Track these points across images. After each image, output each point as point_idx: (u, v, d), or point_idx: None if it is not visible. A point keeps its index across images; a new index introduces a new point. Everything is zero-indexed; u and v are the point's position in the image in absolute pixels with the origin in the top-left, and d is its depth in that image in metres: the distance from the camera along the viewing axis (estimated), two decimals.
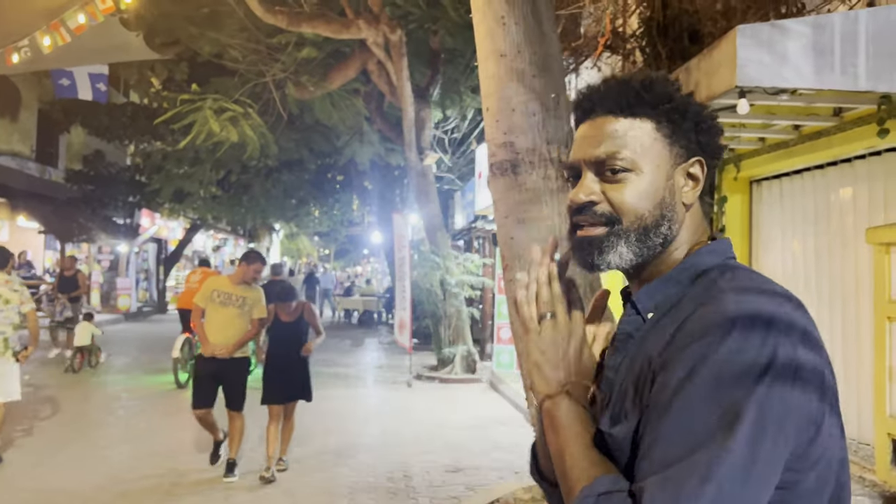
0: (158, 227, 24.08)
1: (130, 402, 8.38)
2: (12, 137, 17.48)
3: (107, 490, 5.11)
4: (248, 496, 5.11)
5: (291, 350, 5.66)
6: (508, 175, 4.29)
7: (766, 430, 0.79)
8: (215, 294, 5.51)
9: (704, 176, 1.01)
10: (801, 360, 0.83)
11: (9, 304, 5.51)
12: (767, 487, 0.81)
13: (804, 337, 0.86)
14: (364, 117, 11.64)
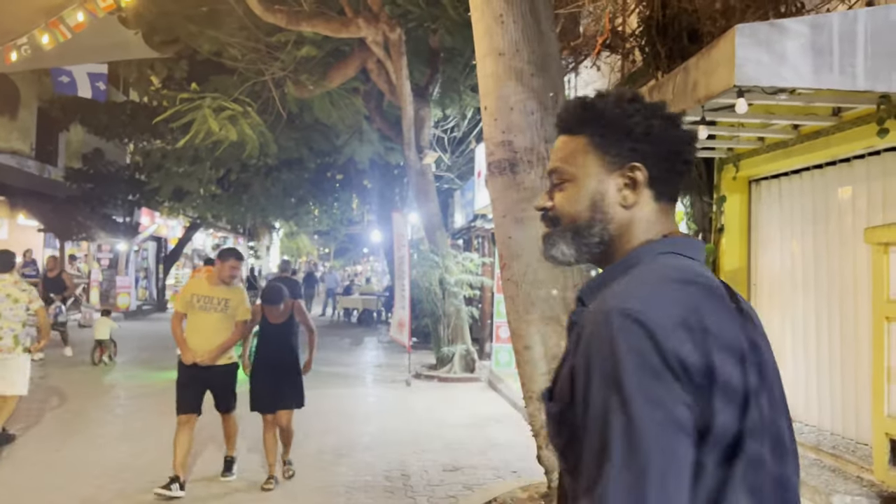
0: (158, 226, 24.08)
1: (139, 397, 8.45)
2: (11, 135, 17.46)
3: (105, 488, 5.11)
4: (247, 495, 5.11)
5: (281, 353, 5.32)
6: (507, 174, 4.29)
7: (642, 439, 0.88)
8: (195, 299, 5.16)
9: (649, 178, 1.11)
10: (664, 349, 0.92)
11: (18, 303, 5.88)
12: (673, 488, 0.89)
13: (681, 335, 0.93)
14: (363, 116, 11.64)
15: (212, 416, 5.45)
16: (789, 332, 6.56)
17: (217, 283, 5.22)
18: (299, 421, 7.10)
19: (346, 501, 4.98)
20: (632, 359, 0.91)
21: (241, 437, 5.58)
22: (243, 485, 5.31)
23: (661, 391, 0.91)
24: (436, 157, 10.64)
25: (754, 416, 0.96)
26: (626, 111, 1.12)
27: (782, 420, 1.03)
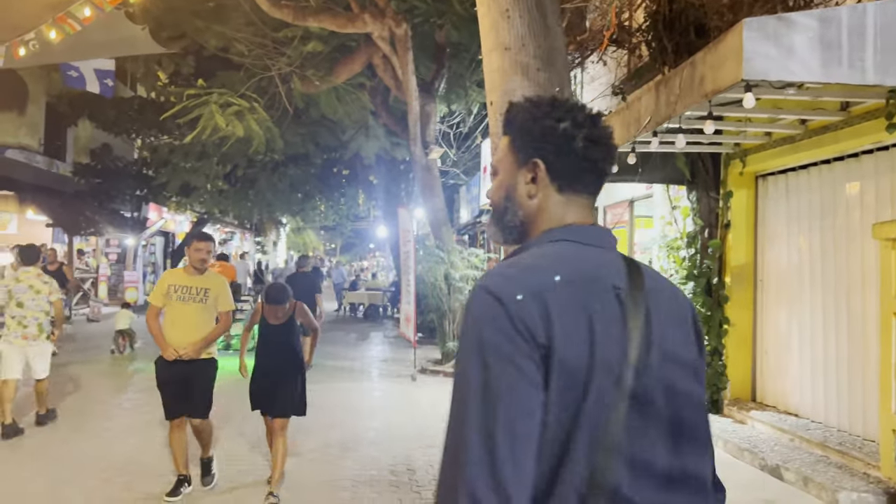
0: (165, 221, 24.19)
1: (147, 391, 8.40)
2: (20, 131, 17.53)
3: (112, 482, 5.14)
4: (252, 489, 5.13)
5: (281, 357, 4.92)
6: None
7: (497, 374, 1.06)
8: (172, 290, 4.78)
9: (542, 174, 1.27)
10: (503, 322, 1.09)
11: (40, 294, 6.43)
12: (531, 415, 1.06)
13: (512, 300, 1.10)
14: (369, 111, 11.65)
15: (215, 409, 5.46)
16: (796, 329, 6.54)
17: (195, 272, 4.84)
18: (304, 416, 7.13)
19: (352, 496, 4.99)
20: (487, 324, 1.09)
21: (240, 435, 5.49)
22: (247, 479, 5.33)
23: (511, 349, 1.07)
24: (441, 153, 10.64)
25: (595, 381, 1.10)
26: (534, 115, 1.29)
27: (619, 383, 1.14)
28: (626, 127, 5.62)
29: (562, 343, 1.09)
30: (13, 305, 6.33)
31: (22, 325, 6.32)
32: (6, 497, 4.87)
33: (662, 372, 1.20)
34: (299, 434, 6.58)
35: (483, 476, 1.04)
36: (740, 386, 7.10)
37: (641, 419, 1.15)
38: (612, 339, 1.14)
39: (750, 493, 5.12)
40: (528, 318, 1.09)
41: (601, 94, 8.91)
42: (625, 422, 1.12)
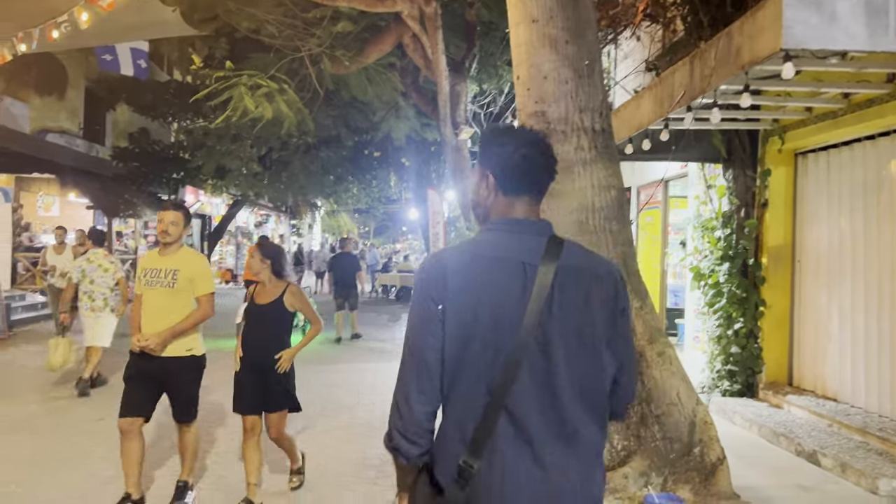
0: (202, 204, 24.53)
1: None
2: (60, 115, 17.87)
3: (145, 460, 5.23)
4: (284, 468, 5.16)
5: (265, 345, 4.30)
6: None
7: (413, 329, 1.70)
8: (143, 274, 4.13)
9: (492, 184, 1.77)
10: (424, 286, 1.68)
11: (107, 272, 7.32)
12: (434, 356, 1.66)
13: (430, 274, 1.68)
14: (400, 92, 11.54)
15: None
16: (836, 311, 6.32)
17: (165, 250, 4.13)
18: (331, 394, 7.18)
19: (377, 474, 4.99)
20: (416, 285, 1.70)
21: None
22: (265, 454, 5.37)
23: (426, 306, 1.65)
24: (472, 133, 10.50)
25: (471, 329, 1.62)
26: (489, 141, 1.81)
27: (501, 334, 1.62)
28: (659, 103, 5.46)
29: (453, 300, 1.64)
30: (86, 282, 7.22)
31: (91, 298, 7.22)
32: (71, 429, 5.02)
33: (553, 333, 1.62)
34: (325, 414, 6.62)
35: (401, 390, 1.71)
36: (776, 369, 6.91)
37: (519, 350, 1.60)
38: (501, 299, 1.63)
39: (785, 479, 4.98)
40: (433, 282, 1.67)
41: (634, 71, 8.69)
42: (500, 349, 1.61)
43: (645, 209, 9.61)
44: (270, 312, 4.32)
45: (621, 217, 4.20)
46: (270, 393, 4.27)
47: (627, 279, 4.13)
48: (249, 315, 4.42)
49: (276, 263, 4.40)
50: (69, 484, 4.67)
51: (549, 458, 1.59)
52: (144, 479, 4.47)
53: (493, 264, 1.65)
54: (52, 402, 6.85)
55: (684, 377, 4.03)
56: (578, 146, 4.11)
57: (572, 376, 1.62)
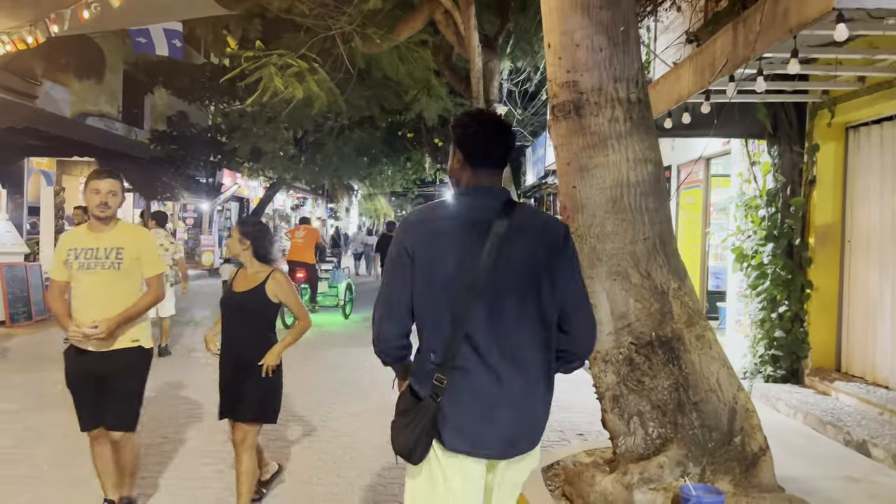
0: (239, 186, 24.72)
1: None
2: (100, 99, 18.10)
3: (171, 439, 5.21)
4: (303, 448, 5.10)
5: (242, 340, 3.68)
6: (571, 118, 3.97)
7: (388, 268, 2.15)
8: (72, 255, 3.50)
9: (461, 158, 2.19)
10: (400, 237, 2.10)
11: (168, 251, 8.12)
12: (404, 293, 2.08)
13: (417, 219, 2.16)
14: (432, 70, 11.35)
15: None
16: (888, 294, 5.99)
17: (99, 225, 3.54)
18: (360, 377, 7.07)
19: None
20: (395, 237, 2.12)
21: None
22: (299, 435, 5.30)
23: (399, 250, 2.08)
24: (505, 112, 10.28)
25: (436, 272, 2.04)
26: (458, 123, 2.21)
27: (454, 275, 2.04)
28: (700, 73, 5.18)
29: (421, 248, 2.06)
30: None
31: None
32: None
33: (502, 275, 2.05)
34: (356, 395, 6.54)
35: (376, 315, 2.13)
36: (823, 355, 6.60)
37: (475, 298, 2.02)
38: (461, 249, 2.05)
39: (832, 470, 4.74)
40: (407, 233, 2.12)
41: (675, 43, 8.34)
42: (459, 289, 2.02)
43: (686, 188, 9.29)
44: (249, 303, 3.68)
45: (658, 193, 3.97)
46: (243, 398, 3.64)
47: (666, 259, 3.91)
48: (226, 306, 3.77)
49: (259, 244, 3.74)
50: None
51: (498, 371, 2.05)
52: (148, 484, 4.36)
53: (457, 221, 2.13)
54: None
55: (725, 362, 3.81)
56: (613, 118, 3.89)
57: (516, 309, 2.08)
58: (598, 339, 3.94)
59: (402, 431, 2.10)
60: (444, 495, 2.10)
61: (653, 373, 3.77)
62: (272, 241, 3.84)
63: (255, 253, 3.74)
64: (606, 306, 3.90)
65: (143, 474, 4.29)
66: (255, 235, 3.73)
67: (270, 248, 3.78)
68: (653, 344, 3.80)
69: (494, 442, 2.08)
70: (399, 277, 2.08)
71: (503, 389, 2.05)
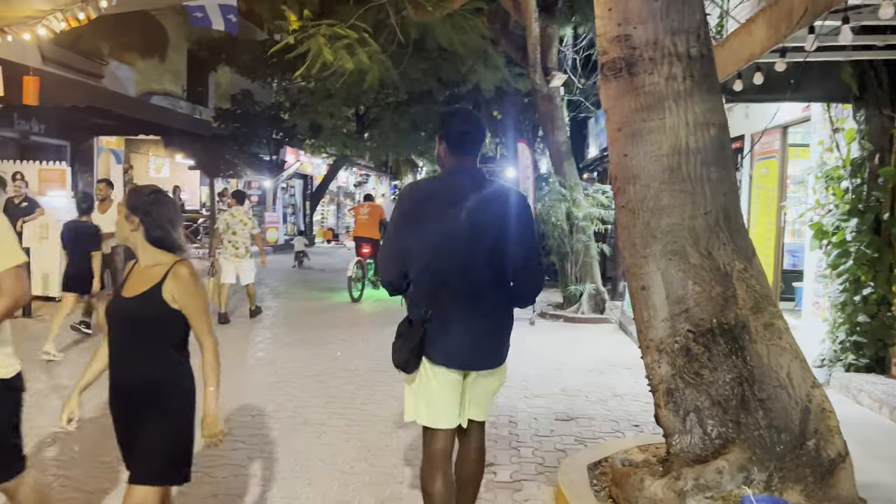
0: (301, 164, 24.85)
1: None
2: (164, 77, 18.36)
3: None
4: (339, 432, 4.88)
5: (131, 364, 2.54)
6: (622, 77, 3.53)
7: (390, 227, 2.95)
8: None
9: (444, 148, 2.91)
10: (398, 204, 2.92)
11: (246, 226, 9.01)
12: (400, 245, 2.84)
13: (410, 192, 2.93)
14: (488, 39, 10.87)
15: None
16: None
17: None
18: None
19: None
20: (396, 203, 2.96)
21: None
22: (339, 421, 5.09)
23: (398, 213, 2.86)
24: (564, 80, 9.75)
25: (422, 231, 2.76)
26: (444, 121, 3.06)
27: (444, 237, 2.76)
28: (774, 27, 4.60)
29: (414, 212, 2.78)
30: (230, 233, 8.87)
31: (234, 246, 8.89)
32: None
33: (471, 235, 2.74)
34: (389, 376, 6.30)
35: (380, 260, 2.98)
36: None
37: (451, 253, 2.73)
38: (442, 216, 2.73)
39: None
40: (405, 201, 2.87)
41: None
42: (439, 245, 2.74)
43: (760, 159, 8.59)
44: (142, 311, 2.52)
45: (723, 161, 3.50)
46: (137, 449, 2.54)
47: (730, 236, 3.45)
48: (112, 316, 2.61)
49: (152, 223, 2.56)
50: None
51: (467, 308, 2.75)
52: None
53: (439, 195, 2.83)
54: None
55: (797, 354, 3.34)
56: (670, 76, 3.42)
57: (481, 262, 2.77)
58: (652, 326, 3.54)
59: (400, 350, 2.82)
60: (429, 390, 2.81)
61: (713, 365, 3.34)
62: (174, 216, 2.63)
63: (148, 235, 2.55)
64: (661, 289, 3.48)
65: None
66: (147, 210, 2.55)
67: (171, 227, 2.59)
68: (713, 332, 3.36)
69: (463, 358, 2.80)
70: (397, 232, 2.84)
71: (469, 321, 2.77)
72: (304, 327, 9.08)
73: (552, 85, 9.60)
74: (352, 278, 11.16)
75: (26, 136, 13.60)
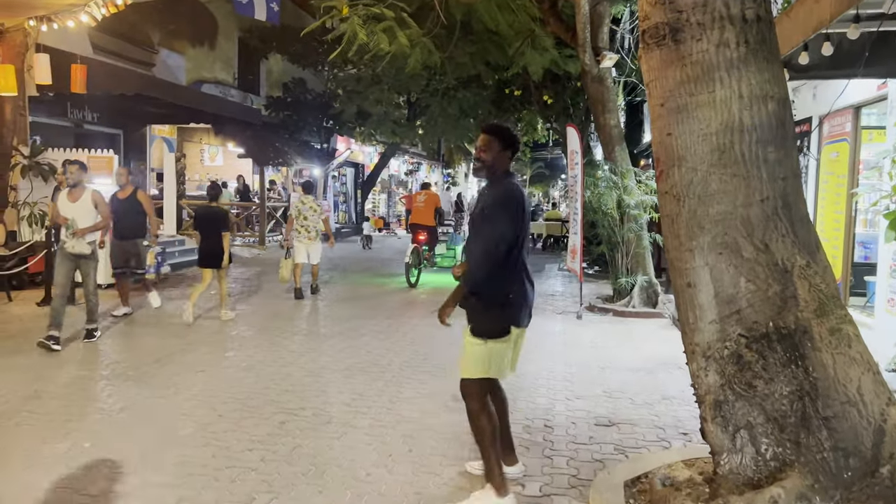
0: (351, 152, 24.74)
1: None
2: (215, 66, 18.45)
3: (225, 417, 4.88)
4: (360, 434, 4.60)
5: None
6: (666, 44, 3.10)
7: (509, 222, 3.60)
8: None
9: (508, 156, 3.74)
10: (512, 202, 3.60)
11: (315, 212, 10.13)
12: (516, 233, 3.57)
13: (514, 192, 3.62)
14: (536, 20, 10.37)
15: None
16: None
17: None
18: (444, 353, 6.52)
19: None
20: (512, 200, 3.57)
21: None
22: (364, 421, 4.81)
23: (516, 207, 3.58)
24: (615, 60, 9.19)
25: (522, 223, 3.60)
26: (506, 132, 3.76)
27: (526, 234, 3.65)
28: None
29: (521, 207, 3.59)
30: (301, 218, 10.04)
31: (307, 230, 10.08)
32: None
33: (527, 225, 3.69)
34: (438, 376, 5.98)
35: (494, 251, 3.50)
36: None
37: (525, 233, 3.65)
38: (524, 208, 3.62)
39: None
40: (520, 198, 3.63)
41: None
42: (523, 233, 3.61)
43: (829, 142, 7.90)
44: None
45: (782, 141, 3.03)
46: None
47: (790, 226, 2.99)
48: None
49: None
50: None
51: (528, 279, 3.68)
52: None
53: (523, 195, 3.67)
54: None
55: (870, 365, 2.86)
56: (721, 42, 2.97)
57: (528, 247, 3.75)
58: (698, 329, 3.11)
59: (502, 319, 3.57)
60: (503, 349, 3.59)
61: (768, 375, 2.90)
62: None
63: None
64: (709, 287, 3.05)
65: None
66: None
67: None
68: (769, 337, 2.92)
69: (527, 317, 3.70)
70: (515, 223, 3.53)
71: (529, 290, 3.67)
72: (358, 313, 9.16)
73: (603, 66, 9.07)
74: (409, 264, 11.58)
75: (80, 125, 13.82)
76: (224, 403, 5.12)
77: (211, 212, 8.29)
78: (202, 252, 8.22)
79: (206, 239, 8.15)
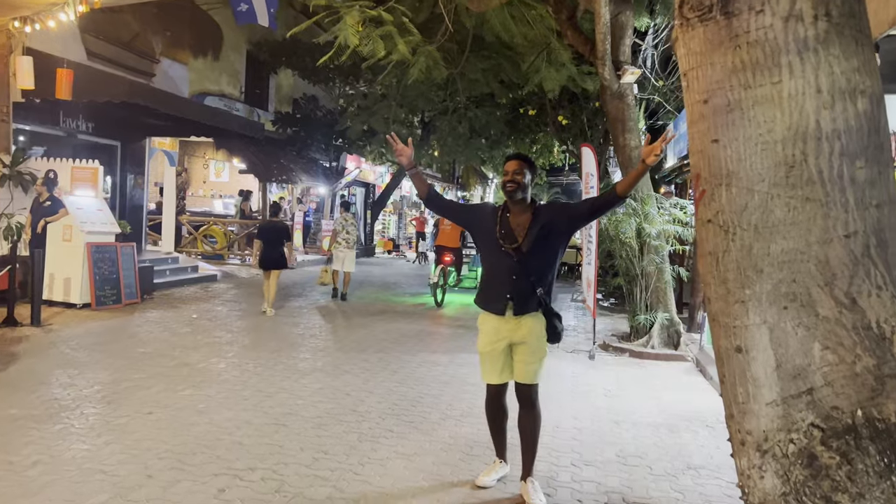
0: (360, 171, 24.05)
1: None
2: (220, 78, 17.88)
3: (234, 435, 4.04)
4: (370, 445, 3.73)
5: None
6: (713, 18, 2.26)
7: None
8: None
9: (535, 181, 4.13)
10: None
11: (354, 225, 11.79)
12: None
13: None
14: (553, 31, 9.61)
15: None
16: None
17: None
18: (431, 397, 5.71)
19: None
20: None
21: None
22: (368, 428, 3.94)
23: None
24: (637, 75, 8.37)
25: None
26: (529, 162, 4.01)
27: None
28: None
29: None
30: (344, 232, 11.80)
31: (347, 242, 11.78)
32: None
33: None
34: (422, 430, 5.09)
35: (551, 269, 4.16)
36: None
37: None
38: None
39: None
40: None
41: None
42: None
43: None
44: None
45: (876, 152, 2.18)
46: None
47: (887, 273, 2.12)
48: None
49: None
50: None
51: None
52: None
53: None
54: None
55: None
56: (792, 13, 2.14)
57: None
58: (750, 412, 2.22)
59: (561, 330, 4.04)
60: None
61: (857, 488, 2.02)
62: None
63: None
64: (768, 354, 2.18)
65: None
66: None
67: None
68: (857, 432, 2.04)
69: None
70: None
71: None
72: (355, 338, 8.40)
73: (623, 81, 8.25)
74: (435, 284, 11.98)
75: (73, 134, 13.20)
76: (160, 459, 4.27)
77: (274, 225, 10.27)
78: (265, 258, 9.99)
79: (270, 247, 9.99)
